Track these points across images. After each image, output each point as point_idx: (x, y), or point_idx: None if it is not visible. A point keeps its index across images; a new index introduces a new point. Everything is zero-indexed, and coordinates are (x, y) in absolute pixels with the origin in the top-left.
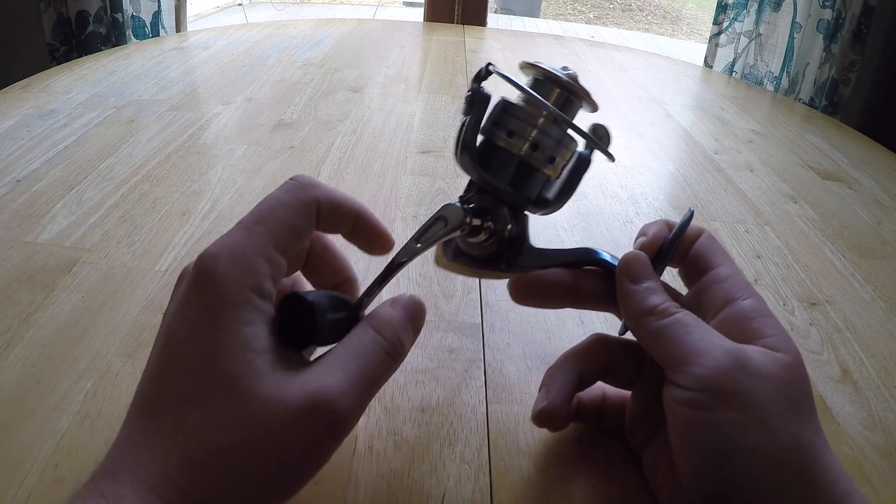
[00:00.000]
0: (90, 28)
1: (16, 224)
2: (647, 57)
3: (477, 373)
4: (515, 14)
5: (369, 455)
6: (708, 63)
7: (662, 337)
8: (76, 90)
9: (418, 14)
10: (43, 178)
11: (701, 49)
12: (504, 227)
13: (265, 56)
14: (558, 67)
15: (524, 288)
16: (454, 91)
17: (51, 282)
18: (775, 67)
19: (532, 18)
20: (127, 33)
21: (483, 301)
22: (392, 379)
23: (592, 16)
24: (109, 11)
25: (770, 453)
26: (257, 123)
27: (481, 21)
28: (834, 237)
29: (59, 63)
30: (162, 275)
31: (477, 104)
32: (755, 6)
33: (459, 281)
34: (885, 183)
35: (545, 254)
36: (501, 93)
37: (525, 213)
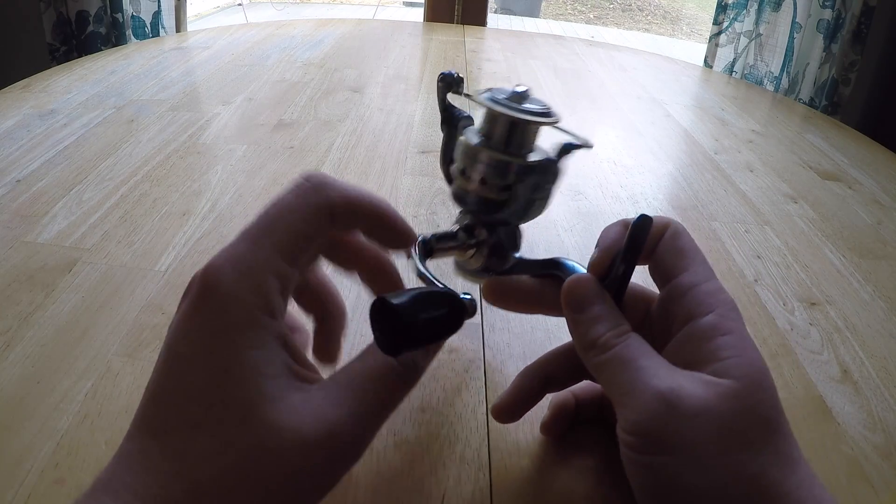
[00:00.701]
0: (90, 28)
1: (16, 224)
2: (647, 57)
3: (477, 373)
4: (515, 14)
5: (369, 455)
6: (708, 63)
7: (602, 375)
8: (76, 90)
9: (418, 14)
10: (43, 178)
11: (701, 49)
12: (484, 243)
13: (265, 56)
14: (507, 91)
15: (491, 289)
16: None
17: (51, 282)
18: (775, 67)
19: (532, 18)
20: (127, 33)
21: (483, 301)
22: None
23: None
24: (109, 11)
25: (708, 493)
26: (257, 123)
27: (481, 21)
28: (834, 237)
29: (59, 63)
30: (162, 275)
31: (446, 122)
32: (755, 6)
33: (459, 282)
34: (885, 183)
35: (523, 263)
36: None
37: (502, 228)
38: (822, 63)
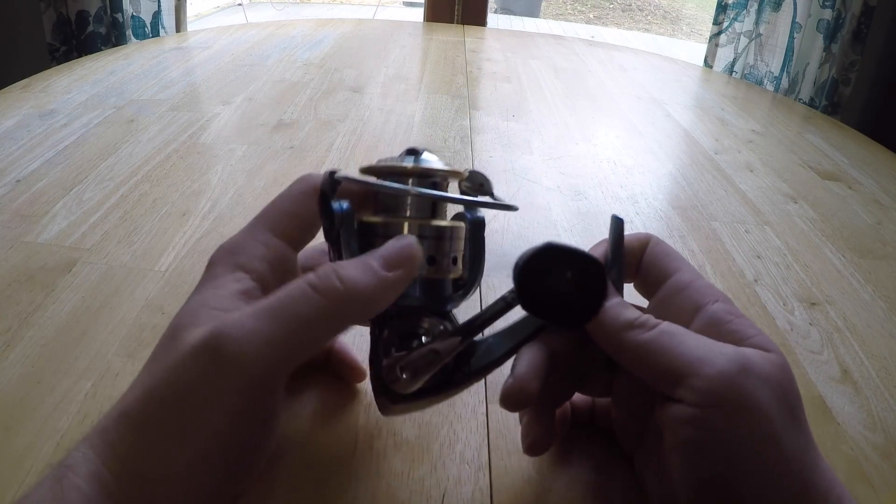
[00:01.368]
0: (90, 28)
1: (16, 224)
2: (647, 57)
3: None
4: (515, 14)
5: (369, 455)
6: (708, 63)
7: (651, 350)
8: (76, 90)
9: (418, 14)
10: (43, 178)
11: (701, 49)
12: (443, 333)
13: (265, 56)
14: (397, 159)
15: (515, 403)
16: (454, 91)
17: (51, 282)
18: (775, 67)
19: (532, 18)
20: (127, 33)
21: (483, 301)
22: None
23: (592, 16)
24: (109, 11)
25: (777, 470)
26: (257, 123)
27: (481, 21)
28: (834, 237)
29: (59, 63)
30: (162, 275)
31: (337, 225)
32: (755, 6)
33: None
34: (885, 183)
35: (497, 342)
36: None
37: (449, 310)
38: (822, 63)
